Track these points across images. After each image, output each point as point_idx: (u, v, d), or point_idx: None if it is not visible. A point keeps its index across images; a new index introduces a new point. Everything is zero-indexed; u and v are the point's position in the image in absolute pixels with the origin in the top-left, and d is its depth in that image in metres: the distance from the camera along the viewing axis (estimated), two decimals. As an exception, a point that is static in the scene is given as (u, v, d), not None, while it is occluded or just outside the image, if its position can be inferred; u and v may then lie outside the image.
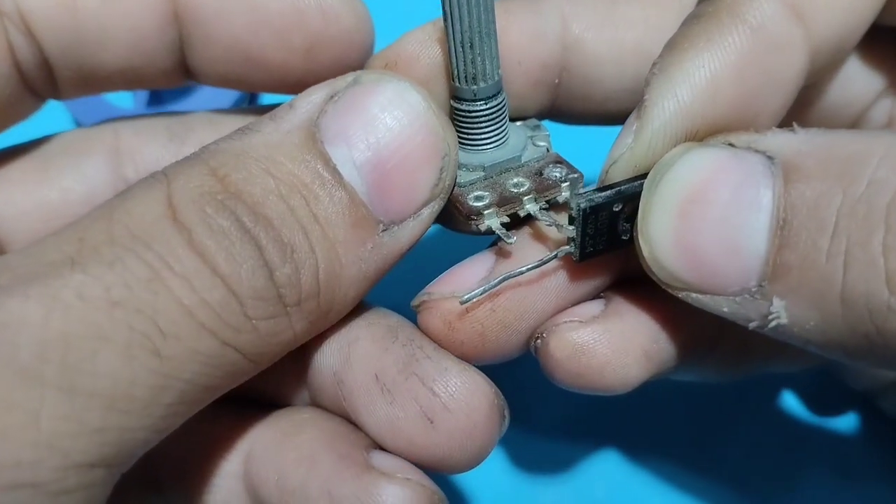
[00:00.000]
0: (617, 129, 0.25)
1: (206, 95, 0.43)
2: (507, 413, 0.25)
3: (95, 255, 0.19)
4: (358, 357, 0.24)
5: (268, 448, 0.25)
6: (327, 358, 0.25)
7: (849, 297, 0.19)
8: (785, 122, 0.24)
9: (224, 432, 0.26)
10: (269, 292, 0.20)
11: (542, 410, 0.37)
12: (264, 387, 0.27)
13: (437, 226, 0.27)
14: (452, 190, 0.25)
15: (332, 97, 0.22)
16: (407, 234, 0.23)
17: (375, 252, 0.22)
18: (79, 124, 0.45)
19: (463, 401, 0.23)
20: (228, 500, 0.25)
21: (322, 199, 0.21)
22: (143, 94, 0.44)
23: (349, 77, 0.23)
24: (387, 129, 0.22)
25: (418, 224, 0.23)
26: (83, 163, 0.29)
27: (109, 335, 0.18)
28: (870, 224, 0.18)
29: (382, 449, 0.24)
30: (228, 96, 0.43)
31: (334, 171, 0.21)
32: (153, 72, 0.28)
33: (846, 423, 0.38)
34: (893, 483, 0.36)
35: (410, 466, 0.24)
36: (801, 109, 0.30)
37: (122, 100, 0.46)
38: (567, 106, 0.28)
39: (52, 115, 0.44)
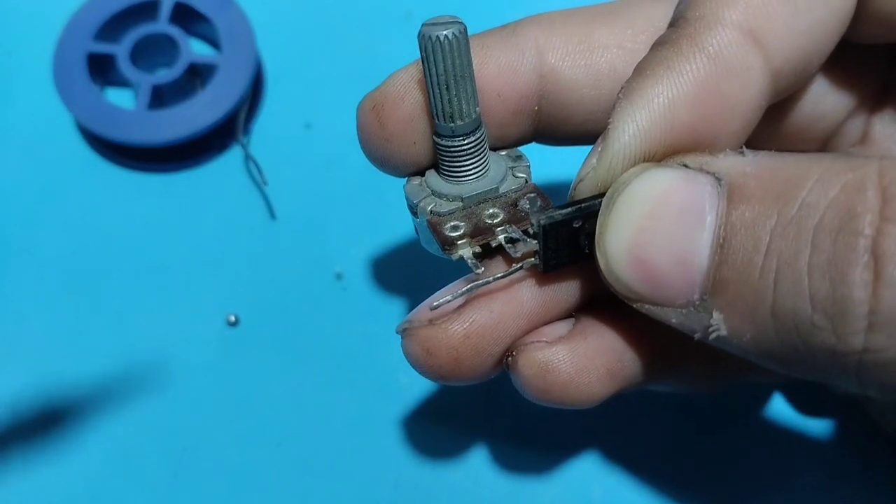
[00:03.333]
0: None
1: (208, 97, 0.44)
2: None
3: None
4: None
5: None
6: None
7: (778, 312, 0.20)
8: (754, 139, 0.25)
9: None
10: None
11: (540, 413, 0.38)
12: None
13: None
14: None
15: None
16: None
17: None
18: (79, 124, 0.46)
19: None
20: None
21: None
22: (144, 95, 0.44)
23: None
24: None
25: None
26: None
27: None
28: (798, 244, 0.20)
29: None
30: (231, 97, 0.44)
31: None
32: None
33: (836, 425, 0.39)
34: (888, 486, 0.37)
35: None
36: (774, 124, 0.30)
37: (123, 100, 0.47)
38: (549, 130, 0.29)
39: (51, 114, 0.45)
